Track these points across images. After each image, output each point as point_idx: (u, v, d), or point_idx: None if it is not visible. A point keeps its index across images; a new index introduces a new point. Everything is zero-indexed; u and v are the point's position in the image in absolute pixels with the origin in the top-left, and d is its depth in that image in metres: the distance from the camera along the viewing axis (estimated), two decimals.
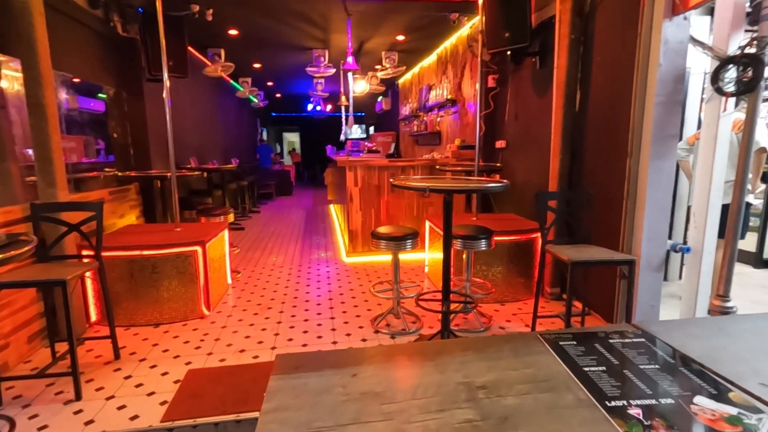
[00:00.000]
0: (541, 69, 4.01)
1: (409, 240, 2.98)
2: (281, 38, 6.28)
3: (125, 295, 3.16)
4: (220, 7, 4.67)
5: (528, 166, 4.30)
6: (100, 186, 3.89)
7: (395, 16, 5.32)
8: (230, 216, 4.43)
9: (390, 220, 5.12)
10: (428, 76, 7.83)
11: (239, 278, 4.32)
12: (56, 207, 2.69)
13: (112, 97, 4.32)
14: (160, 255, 3.18)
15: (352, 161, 5.01)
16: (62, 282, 2.17)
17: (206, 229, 3.74)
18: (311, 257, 5.15)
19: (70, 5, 3.49)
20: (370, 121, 15.15)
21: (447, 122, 6.76)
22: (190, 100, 6.75)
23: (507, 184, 2.40)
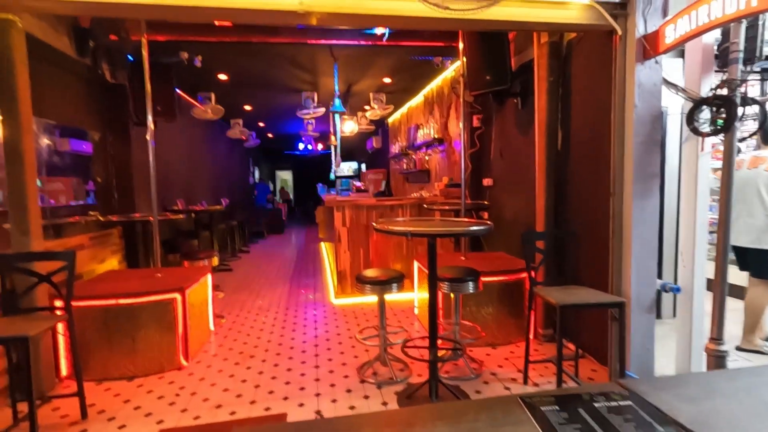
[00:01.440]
0: (523, 109, 4.09)
1: (395, 283, 2.90)
2: (271, 81, 6.42)
3: (99, 346, 3.01)
4: (209, 53, 4.78)
5: (515, 203, 4.30)
6: (80, 231, 3.80)
7: (381, 60, 5.48)
8: (214, 259, 4.33)
9: (379, 260, 5.04)
10: (416, 116, 7.99)
11: (223, 323, 4.17)
12: (27, 257, 2.60)
13: (97, 141, 4.31)
14: (137, 303, 3.06)
15: (341, 201, 4.99)
16: (24, 339, 2.06)
17: (188, 274, 3.64)
18: (299, 299, 5.01)
19: (57, 54, 3.53)
20: (361, 158, 15.34)
21: (435, 160, 6.84)
22: (179, 142, 6.79)
23: (490, 227, 2.36)
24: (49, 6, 2.42)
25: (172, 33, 4.00)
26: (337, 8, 2.39)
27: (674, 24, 2.33)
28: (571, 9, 2.56)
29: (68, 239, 3.57)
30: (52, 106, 3.51)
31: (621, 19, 2.62)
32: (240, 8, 2.31)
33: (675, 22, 2.33)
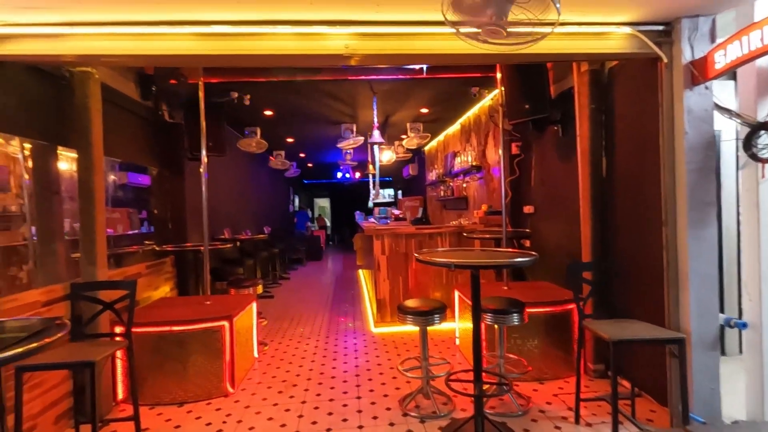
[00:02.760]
0: (564, 136, 4.04)
1: (437, 315, 2.88)
2: (312, 115, 6.71)
3: (152, 371, 3.15)
4: (256, 92, 5.08)
5: (558, 231, 4.20)
6: (138, 260, 4.06)
7: (418, 92, 5.61)
8: (259, 287, 4.46)
9: (418, 288, 5.02)
10: (453, 144, 8.05)
11: (266, 351, 4.26)
12: (94, 286, 2.80)
13: (155, 176, 4.64)
14: (188, 330, 3.20)
15: (379, 229, 5.06)
16: (91, 364, 2.20)
17: (235, 302, 3.77)
18: (339, 327, 5.04)
19: (124, 98, 3.89)
20: (398, 185, 15.50)
21: (473, 188, 6.81)
22: (226, 174, 7.16)
23: (536, 258, 2.32)
24: (123, 60, 2.70)
25: (224, 76, 4.31)
26: (380, 50, 2.52)
27: (724, 50, 2.28)
28: (613, 39, 2.56)
29: (127, 268, 3.81)
30: (118, 145, 3.83)
31: (666, 47, 2.58)
32: (292, 54, 2.48)
33: (725, 48, 2.28)
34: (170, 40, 2.50)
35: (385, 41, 2.54)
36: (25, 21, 2.30)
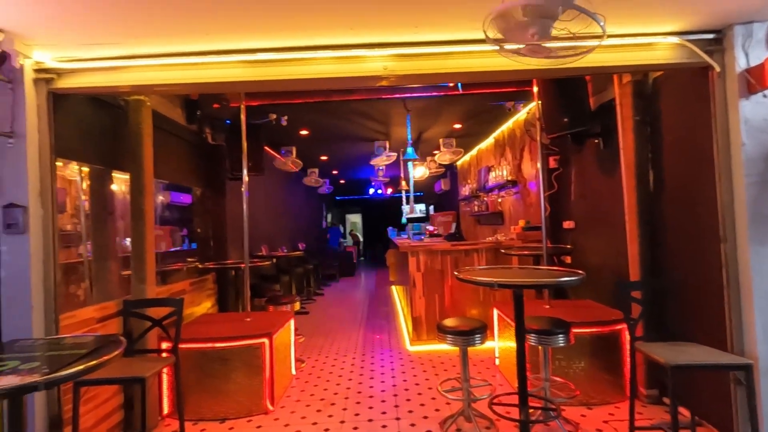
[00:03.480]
0: (605, 149, 3.92)
1: (478, 335, 2.81)
2: (346, 133, 6.84)
3: (196, 387, 3.23)
4: (293, 113, 5.25)
5: (602, 247, 4.03)
6: (182, 277, 4.21)
7: (451, 108, 5.62)
8: (296, 304, 4.52)
9: (454, 306, 4.93)
10: (486, 158, 7.97)
11: (303, 368, 4.28)
12: (144, 303, 2.92)
13: (198, 196, 4.84)
14: (229, 347, 3.27)
15: (414, 246, 5.03)
16: (142, 380, 2.28)
17: (274, 318, 3.83)
18: (375, 344, 5.01)
19: (172, 123, 4.10)
20: (429, 200, 15.45)
21: (509, 202, 6.69)
22: (263, 192, 7.38)
23: (583, 277, 2.24)
24: (174, 88, 2.86)
25: (264, 99, 4.48)
26: (417, 70, 2.55)
27: None
28: (659, 50, 2.48)
29: (173, 285, 3.96)
30: (165, 167, 4.03)
31: (717, 55, 2.47)
32: (331, 77, 2.55)
33: None
34: (218, 68, 2.62)
35: (423, 61, 2.57)
36: (89, 56, 2.48)
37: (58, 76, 2.46)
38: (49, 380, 1.47)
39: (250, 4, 2.05)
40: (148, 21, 2.17)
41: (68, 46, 2.37)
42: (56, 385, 2.12)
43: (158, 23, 2.20)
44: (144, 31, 2.28)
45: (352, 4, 2.09)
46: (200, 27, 2.26)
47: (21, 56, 2.30)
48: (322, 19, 2.23)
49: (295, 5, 2.08)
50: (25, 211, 2.28)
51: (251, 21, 2.22)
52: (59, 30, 2.21)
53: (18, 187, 2.31)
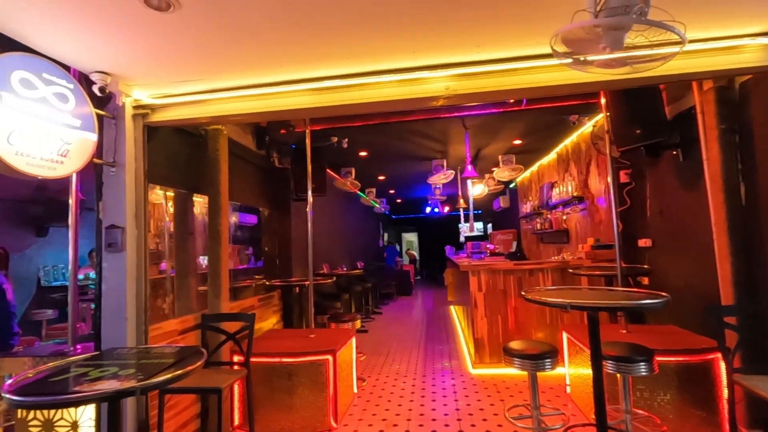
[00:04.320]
0: (685, 161, 3.63)
1: (548, 359, 2.66)
2: (403, 153, 6.94)
3: (264, 400, 3.34)
4: (353, 135, 5.43)
5: (685, 267, 3.69)
6: (251, 294, 4.44)
7: (511, 124, 5.52)
8: (357, 322, 4.57)
9: (519, 328, 4.72)
10: (549, 174, 7.68)
11: (364, 387, 4.29)
12: (219, 317, 3.11)
13: (266, 216, 5.12)
14: (295, 362, 3.37)
15: (475, 265, 4.92)
16: (218, 390, 2.41)
17: (336, 336, 3.90)
18: (435, 366, 4.91)
19: (243, 149, 4.41)
20: (488, 218, 15.10)
21: (575, 219, 6.36)
22: (324, 212, 7.64)
23: (668, 300, 2.06)
24: (247, 117, 3.07)
25: (326, 123, 4.69)
26: (479, 88, 2.55)
27: None
28: (747, 52, 2.28)
29: (243, 301, 4.18)
30: (237, 189, 4.32)
31: None
32: (393, 99, 2.62)
33: None
34: (286, 97, 2.80)
35: (484, 79, 2.57)
36: (177, 92, 2.77)
37: (152, 111, 2.76)
38: (144, 386, 1.60)
39: (319, 35, 2.19)
40: (227, 57, 2.39)
41: (161, 84, 2.67)
42: (149, 391, 2.30)
43: (235, 59, 2.41)
44: (224, 66, 2.50)
45: (415, 29, 2.16)
46: (273, 59, 2.44)
47: (123, 95, 2.62)
48: (384, 45, 2.32)
49: (360, 34, 2.19)
50: (123, 232, 2.55)
51: (319, 51, 2.36)
52: (154, 71, 2.49)
53: (117, 210, 2.59)
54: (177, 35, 2.11)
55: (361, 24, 2.10)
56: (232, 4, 1.89)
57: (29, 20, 1.92)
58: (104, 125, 2.59)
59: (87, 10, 1.86)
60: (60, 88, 2.17)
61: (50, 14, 1.88)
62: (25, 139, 1.97)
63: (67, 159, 2.18)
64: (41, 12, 1.86)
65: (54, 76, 2.16)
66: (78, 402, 1.75)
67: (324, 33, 2.17)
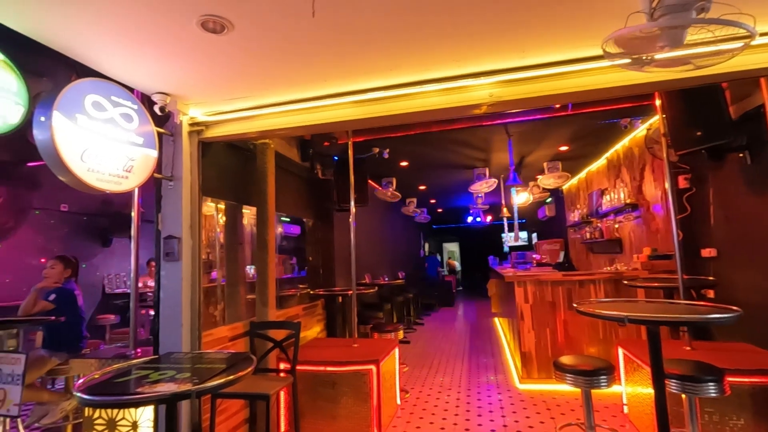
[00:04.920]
0: (753, 164, 3.35)
1: (604, 376, 2.52)
2: (445, 162, 6.89)
3: (308, 408, 3.39)
4: (394, 146, 5.47)
5: (759, 279, 3.38)
6: (296, 303, 4.53)
7: (557, 130, 5.35)
8: (400, 333, 4.55)
9: (569, 342, 4.50)
10: (598, 180, 7.35)
11: (407, 398, 4.23)
12: (267, 325, 3.20)
13: (310, 227, 5.23)
14: (338, 371, 3.39)
15: (521, 276, 4.77)
16: (266, 396, 2.47)
17: (380, 346, 3.89)
18: (480, 379, 4.78)
19: (288, 162, 4.55)
20: (532, 228, 14.63)
21: (628, 228, 6.02)
22: (365, 223, 7.71)
23: (739, 314, 1.89)
24: (293, 131, 3.16)
25: (368, 134, 4.76)
26: (524, 94, 2.49)
27: None
28: None
29: (288, 309, 4.27)
30: (283, 201, 4.46)
31: None
32: (436, 109, 2.62)
33: None
34: (331, 110, 2.87)
35: (530, 85, 2.51)
36: (228, 109, 2.91)
37: (206, 127, 2.92)
38: (199, 390, 1.67)
39: (362, 51, 2.23)
40: (275, 75, 2.48)
41: (214, 102, 2.82)
42: (203, 395, 2.39)
43: (282, 76, 2.50)
44: (272, 83, 2.61)
45: (458, 39, 2.16)
46: (318, 75, 2.51)
47: (180, 114, 2.79)
48: (427, 55, 2.33)
49: (403, 46, 2.21)
50: (179, 242, 2.69)
51: (362, 65, 2.41)
52: (208, 90, 2.64)
53: (174, 222, 2.75)
54: (229, 56, 2.23)
55: (405, 38, 2.12)
56: (281, 26, 1.97)
57: (101, 48, 2.10)
58: (163, 142, 2.77)
59: (150, 36, 2.00)
60: (126, 109, 2.35)
61: (119, 42, 2.05)
62: (96, 157, 2.14)
63: (131, 174, 2.34)
64: (112, 40, 2.03)
65: (121, 98, 2.34)
66: (140, 403, 1.85)
67: (367, 48, 2.21)
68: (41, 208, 6.24)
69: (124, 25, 1.91)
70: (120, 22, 1.89)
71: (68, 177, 2.04)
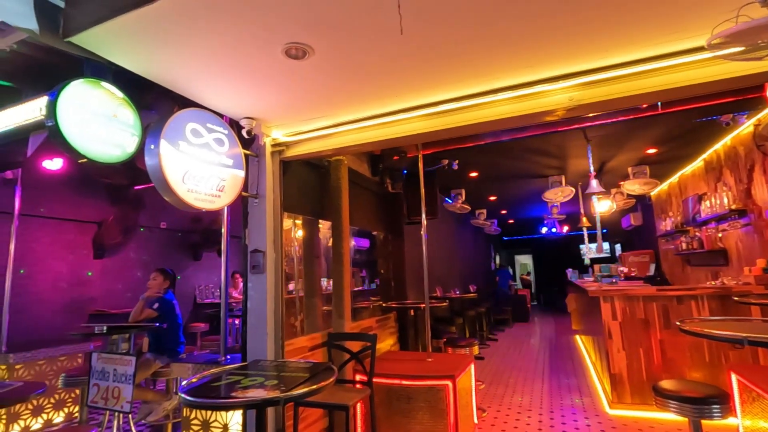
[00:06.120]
0: None
1: (716, 405, 2.22)
2: (516, 172, 6.66)
3: (383, 421, 3.38)
4: (463, 157, 5.39)
5: None
6: (369, 315, 4.60)
7: (644, 131, 4.94)
8: (475, 348, 4.41)
9: (667, 365, 4.05)
10: (694, 184, 6.62)
11: (484, 417, 4.07)
12: (344, 336, 3.27)
13: (381, 240, 5.31)
14: (413, 386, 3.35)
15: (607, 290, 4.41)
16: (346, 407, 2.51)
17: (455, 361, 3.80)
18: (563, 401, 4.45)
19: (360, 176, 4.69)
20: (615, 238, 13.52)
21: (735, 237, 5.33)
22: (434, 235, 7.65)
23: None
24: (366, 147, 3.25)
25: (437, 146, 4.75)
26: (607, 95, 2.34)
27: None
28: None
29: (362, 321, 4.35)
30: (355, 215, 4.58)
31: None
32: (508, 117, 2.55)
33: None
34: (402, 124, 2.91)
35: (613, 85, 2.35)
36: (306, 129, 3.08)
37: (287, 147, 3.11)
38: (287, 397, 1.75)
39: (432, 68, 2.25)
40: (350, 94, 2.59)
41: (293, 123, 3.00)
42: (290, 402, 2.50)
43: (357, 94, 2.60)
44: (346, 102, 2.72)
45: (531, 44, 2.09)
46: (391, 91, 2.57)
47: (264, 136, 3.01)
48: (499, 64, 2.28)
49: (471, 58, 2.19)
50: (264, 255, 2.88)
51: (432, 79, 2.42)
52: (289, 113, 2.82)
53: (259, 236, 2.94)
54: (308, 79, 2.36)
55: (475, 50, 2.11)
56: (357, 49, 2.07)
57: (199, 81, 2.34)
58: (249, 162, 2.99)
59: (240, 67, 2.20)
60: (218, 134, 2.59)
61: (214, 75, 2.27)
62: (194, 179, 2.37)
63: (223, 193, 2.56)
64: (208, 74, 2.26)
65: (214, 125, 2.58)
66: (234, 406, 1.98)
67: (438, 61, 2.22)
68: (145, 226, 7.03)
69: (218, 59, 2.12)
70: (215, 57, 2.09)
71: (172, 197, 2.28)
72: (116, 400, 2.84)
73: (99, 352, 2.86)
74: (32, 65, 2.99)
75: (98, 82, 2.18)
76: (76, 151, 1.95)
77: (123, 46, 1.96)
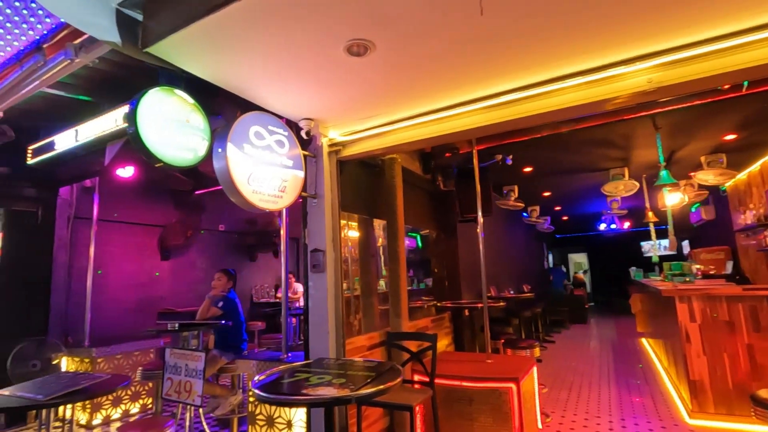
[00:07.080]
0: None
1: None
2: (573, 165, 6.33)
3: (444, 422, 3.31)
4: (517, 151, 5.19)
5: None
6: (424, 315, 4.54)
7: (721, 116, 4.51)
8: (536, 350, 4.23)
9: (757, 372, 3.67)
10: None
11: (549, 423, 3.88)
12: (403, 336, 3.24)
13: (433, 238, 5.23)
14: (475, 388, 3.26)
15: (683, 290, 4.07)
16: (410, 408, 2.47)
17: (516, 363, 3.66)
18: (634, 409, 4.16)
19: (412, 175, 4.64)
20: (682, 234, 12.52)
21: None
22: (488, 233, 7.44)
23: None
24: (420, 144, 3.19)
25: (490, 141, 4.60)
26: (691, 75, 2.14)
27: None
28: None
29: (417, 321, 4.29)
30: (409, 213, 4.54)
31: None
32: (576, 105, 2.40)
33: None
34: (458, 119, 2.83)
35: (697, 64, 2.15)
36: (361, 128, 3.08)
37: (343, 147, 3.13)
38: (359, 396, 1.73)
39: (495, 57, 2.15)
40: (408, 89, 2.55)
41: (349, 123, 3.01)
42: (362, 401, 2.50)
43: (415, 89, 2.55)
44: (403, 98, 2.68)
45: (603, 25, 1.95)
46: (451, 82, 2.49)
47: (321, 136, 3.04)
48: (565, 50, 2.15)
49: (539, 44, 2.08)
50: (323, 255, 2.90)
51: (494, 68, 2.33)
52: (346, 112, 2.83)
53: (319, 236, 2.97)
54: (366, 77, 2.35)
55: (551, 33, 2.00)
56: (420, 40, 2.02)
57: (261, 85, 2.40)
58: (307, 163, 3.03)
59: (301, 68, 2.23)
60: (279, 136, 2.64)
61: (275, 78, 2.32)
62: (258, 180, 2.43)
63: (284, 194, 2.61)
64: (270, 77, 2.31)
65: (276, 127, 2.63)
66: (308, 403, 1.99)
67: (503, 49, 2.13)
68: (206, 229, 7.38)
69: (280, 61, 2.15)
70: (277, 59, 2.13)
71: (238, 198, 2.35)
72: (188, 393, 2.97)
73: (171, 348, 3.01)
74: (108, 80, 3.22)
75: (172, 89, 2.29)
76: (154, 156, 2.06)
77: (193, 53, 2.04)
